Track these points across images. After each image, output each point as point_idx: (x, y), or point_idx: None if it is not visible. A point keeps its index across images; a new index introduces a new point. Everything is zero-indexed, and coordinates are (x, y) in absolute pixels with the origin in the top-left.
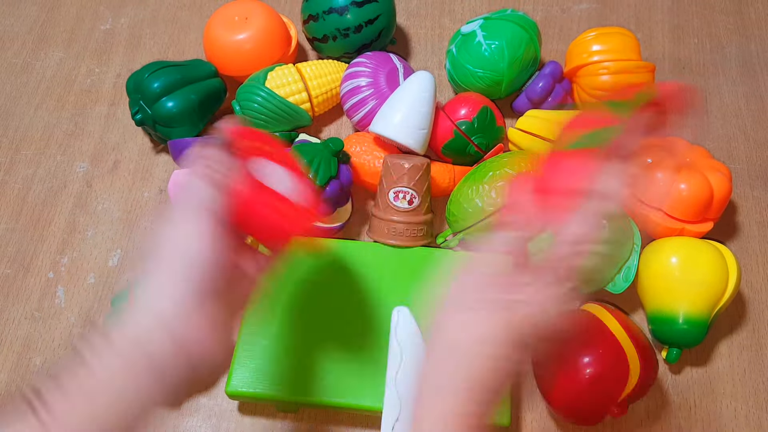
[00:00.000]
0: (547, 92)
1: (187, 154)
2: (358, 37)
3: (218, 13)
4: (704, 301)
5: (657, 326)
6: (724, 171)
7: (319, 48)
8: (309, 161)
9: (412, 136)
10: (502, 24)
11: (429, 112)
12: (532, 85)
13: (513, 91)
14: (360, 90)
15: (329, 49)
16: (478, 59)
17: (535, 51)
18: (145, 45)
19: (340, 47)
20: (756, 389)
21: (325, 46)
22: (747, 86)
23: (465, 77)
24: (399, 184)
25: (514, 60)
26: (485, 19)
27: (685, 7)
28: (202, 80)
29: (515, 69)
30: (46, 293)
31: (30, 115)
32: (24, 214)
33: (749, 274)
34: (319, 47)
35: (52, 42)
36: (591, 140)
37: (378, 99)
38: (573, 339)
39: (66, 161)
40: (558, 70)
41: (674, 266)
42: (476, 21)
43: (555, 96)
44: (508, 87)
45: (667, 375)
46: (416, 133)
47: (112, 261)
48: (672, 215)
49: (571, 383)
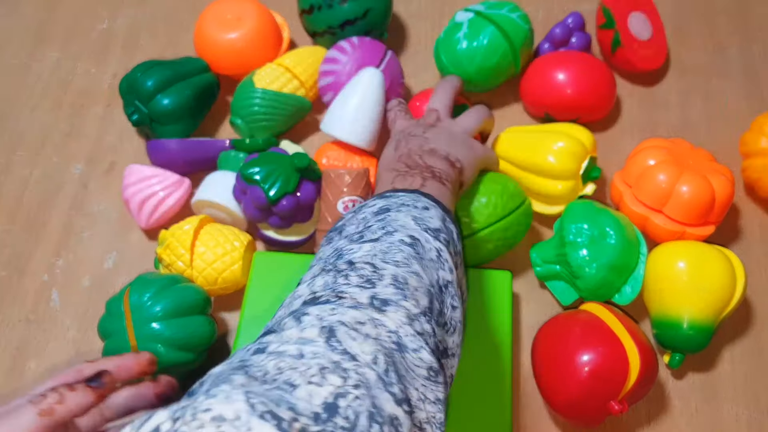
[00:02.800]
0: (566, 37)
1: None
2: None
3: (210, 10)
4: (710, 307)
5: (661, 331)
6: (727, 174)
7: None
8: (268, 173)
9: (361, 136)
10: (486, 26)
11: (379, 111)
12: (551, 31)
13: (482, 89)
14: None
15: (315, 22)
16: (452, 53)
17: (513, 62)
18: (142, 45)
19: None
20: (758, 394)
21: (310, 18)
22: (749, 88)
23: (441, 66)
24: (347, 194)
25: (483, 68)
26: (477, 13)
27: (686, 8)
28: (195, 75)
29: (483, 76)
30: (40, 296)
31: (26, 116)
32: (19, 215)
33: (752, 278)
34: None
35: (49, 42)
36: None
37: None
38: (572, 336)
39: (62, 162)
40: (578, 20)
41: (682, 271)
42: (471, 12)
43: (578, 41)
44: (477, 87)
45: (668, 379)
46: (366, 132)
47: (107, 263)
48: (673, 218)
49: (571, 380)
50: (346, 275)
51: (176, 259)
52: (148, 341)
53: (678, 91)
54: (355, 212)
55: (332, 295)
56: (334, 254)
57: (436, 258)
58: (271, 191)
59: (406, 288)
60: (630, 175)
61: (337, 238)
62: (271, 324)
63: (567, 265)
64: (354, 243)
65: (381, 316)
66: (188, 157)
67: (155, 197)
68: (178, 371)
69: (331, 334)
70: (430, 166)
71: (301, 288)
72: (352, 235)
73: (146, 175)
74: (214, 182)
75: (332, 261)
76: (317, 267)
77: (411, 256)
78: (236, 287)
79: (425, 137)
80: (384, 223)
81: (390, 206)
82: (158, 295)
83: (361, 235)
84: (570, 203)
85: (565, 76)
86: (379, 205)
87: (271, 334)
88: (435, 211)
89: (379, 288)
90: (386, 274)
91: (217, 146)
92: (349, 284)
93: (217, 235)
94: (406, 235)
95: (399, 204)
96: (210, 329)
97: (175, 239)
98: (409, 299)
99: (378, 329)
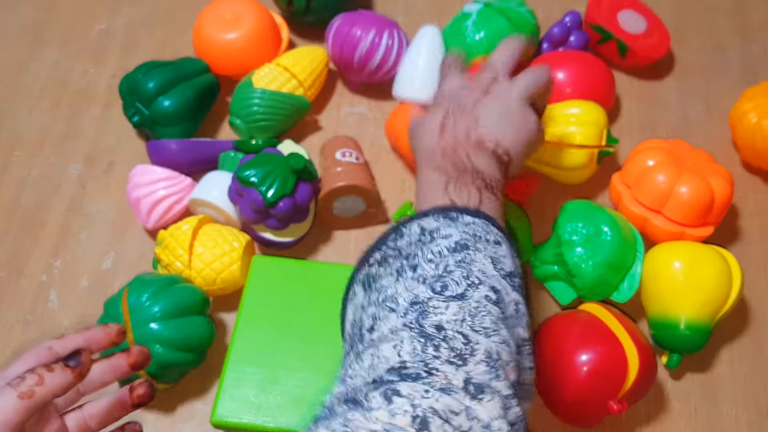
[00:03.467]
0: (565, 36)
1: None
2: None
3: (209, 10)
4: (707, 307)
5: (659, 331)
6: (726, 175)
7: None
8: (264, 175)
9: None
10: (495, 16)
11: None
12: (549, 31)
13: None
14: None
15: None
16: (459, 42)
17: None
18: (141, 45)
19: None
20: (757, 395)
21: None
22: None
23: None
24: (344, 147)
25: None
26: (486, 4)
27: (686, 8)
28: (196, 77)
29: None
30: (39, 297)
31: (24, 117)
32: (17, 216)
33: (750, 279)
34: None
35: (48, 42)
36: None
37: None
38: (571, 336)
39: (60, 163)
40: (576, 18)
41: (678, 271)
42: (480, 3)
43: (577, 39)
44: None
45: (667, 380)
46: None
47: (105, 264)
48: (672, 219)
49: (570, 380)
50: (437, 345)
51: (175, 259)
52: (146, 342)
53: (677, 92)
54: (423, 236)
55: (423, 369)
56: (415, 305)
57: (514, 313)
58: (268, 193)
59: (498, 365)
60: (629, 176)
61: (411, 275)
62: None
63: (564, 264)
64: (438, 296)
65: (475, 405)
66: (189, 158)
67: (168, 200)
68: (177, 371)
69: (423, 426)
70: (480, 171)
71: (385, 348)
72: (432, 280)
73: (159, 177)
74: (210, 182)
75: (416, 317)
76: (396, 318)
77: (498, 318)
78: (235, 287)
79: (474, 115)
80: (465, 270)
81: (467, 242)
82: (157, 296)
83: (444, 285)
84: (565, 203)
85: (564, 75)
86: (454, 238)
87: (357, 408)
88: (506, 247)
89: (471, 366)
90: (479, 349)
91: (218, 147)
92: (439, 357)
93: (215, 235)
94: (489, 288)
95: (472, 236)
96: (208, 329)
97: (173, 239)
98: (501, 379)
99: (471, 422)
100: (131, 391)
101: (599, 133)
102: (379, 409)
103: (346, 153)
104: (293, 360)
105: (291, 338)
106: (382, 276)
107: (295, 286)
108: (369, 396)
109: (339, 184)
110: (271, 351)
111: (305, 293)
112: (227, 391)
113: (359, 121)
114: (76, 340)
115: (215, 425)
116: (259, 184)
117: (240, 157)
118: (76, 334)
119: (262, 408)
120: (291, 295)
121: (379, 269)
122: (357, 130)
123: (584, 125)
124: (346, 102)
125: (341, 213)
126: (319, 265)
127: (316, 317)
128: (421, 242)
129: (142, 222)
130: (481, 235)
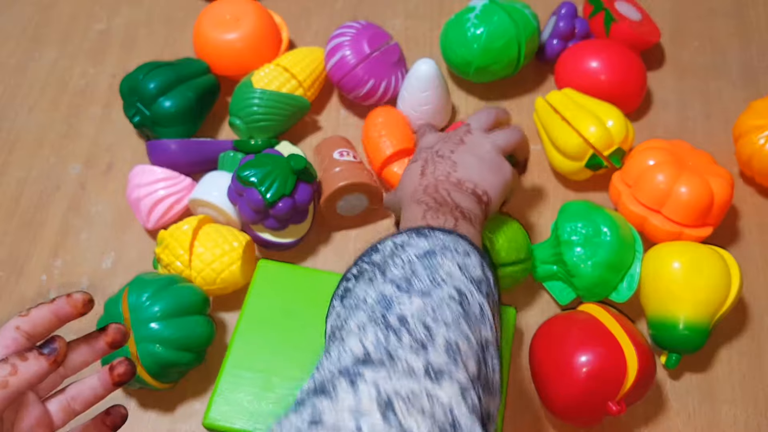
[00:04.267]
0: (571, 27)
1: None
2: None
3: (209, 11)
4: (706, 307)
5: (657, 331)
6: (727, 176)
7: None
8: (264, 175)
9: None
10: (499, 12)
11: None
12: (555, 27)
13: (482, 77)
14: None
15: None
16: (460, 33)
17: (518, 50)
18: (140, 45)
19: None
20: (755, 395)
21: None
22: (748, 90)
23: (445, 48)
24: (340, 147)
25: (487, 49)
26: (491, 1)
27: (685, 10)
28: (197, 77)
29: (485, 58)
30: (38, 297)
31: (24, 116)
32: (17, 216)
33: (749, 279)
34: None
35: (47, 42)
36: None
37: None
38: (570, 337)
39: (60, 163)
40: (572, 9)
41: (677, 271)
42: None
43: (580, 28)
44: (477, 74)
45: (666, 380)
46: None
47: (105, 264)
48: (671, 219)
49: (569, 380)
50: (399, 335)
51: (175, 259)
52: (146, 341)
53: (677, 92)
54: (396, 250)
55: (386, 357)
56: (381, 302)
57: (479, 314)
58: (268, 193)
59: (457, 355)
60: (629, 175)
61: (381, 279)
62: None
63: (563, 264)
64: (403, 293)
65: (435, 388)
66: (189, 158)
67: (168, 200)
68: (177, 371)
69: (387, 408)
70: (459, 205)
71: (351, 341)
72: (399, 280)
73: (159, 177)
74: (210, 182)
75: (381, 311)
76: (363, 314)
77: (460, 315)
78: (235, 287)
79: (453, 161)
80: (431, 272)
81: (435, 249)
82: (157, 296)
83: (410, 283)
84: (565, 203)
85: (599, 64)
86: (423, 247)
87: (324, 397)
88: (475, 258)
89: (430, 351)
90: (438, 338)
91: (218, 147)
92: (401, 346)
93: (215, 235)
94: (453, 288)
95: (442, 246)
96: (208, 329)
97: (173, 239)
98: (460, 368)
99: (432, 403)
100: (111, 371)
101: (609, 142)
102: (345, 394)
103: (344, 152)
104: (290, 368)
105: (290, 346)
106: (357, 286)
107: (299, 294)
108: (335, 384)
109: (343, 182)
110: (269, 357)
111: (308, 301)
112: (222, 394)
113: (359, 121)
114: (41, 312)
115: (207, 428)
116: (258, 184)
117: (240, 157)
118: (42, 307)
119: (254, 414)
120: (294, 302)
121: (356, 282)
122: (356, 130)
123: (602, 127)
124: (346, 102)
125: (345, 212)
126: (324, 273)
127: (317, 326)
128: (393, 254)
129: (142, 222)
130: (450, 246)
